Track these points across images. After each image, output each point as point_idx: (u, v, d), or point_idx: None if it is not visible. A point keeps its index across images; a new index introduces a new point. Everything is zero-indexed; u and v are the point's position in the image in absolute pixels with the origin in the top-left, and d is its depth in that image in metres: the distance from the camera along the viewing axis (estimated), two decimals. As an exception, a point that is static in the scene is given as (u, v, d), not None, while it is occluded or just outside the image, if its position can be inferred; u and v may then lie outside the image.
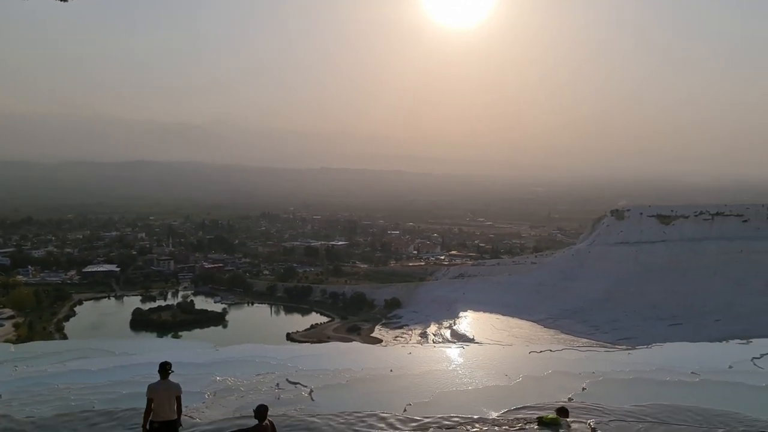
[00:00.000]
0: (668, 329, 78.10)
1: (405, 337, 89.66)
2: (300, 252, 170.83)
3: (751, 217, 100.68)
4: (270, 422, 9.19)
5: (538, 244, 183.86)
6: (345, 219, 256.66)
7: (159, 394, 9.38)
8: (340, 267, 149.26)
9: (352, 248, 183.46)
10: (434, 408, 13.57)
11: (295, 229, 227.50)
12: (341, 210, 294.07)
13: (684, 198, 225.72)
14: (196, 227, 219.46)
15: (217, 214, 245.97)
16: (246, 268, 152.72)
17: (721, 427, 10.15)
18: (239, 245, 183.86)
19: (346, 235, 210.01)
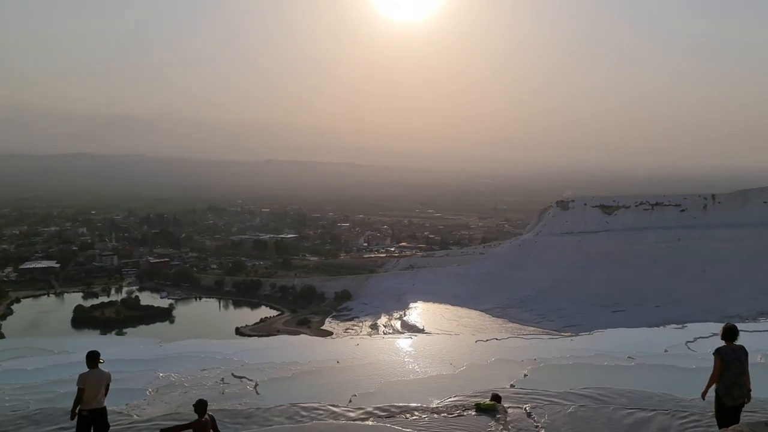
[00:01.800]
0: (611, 316, 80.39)
1: (355, 329, 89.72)
2: (248, 245, 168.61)
3: (688, 207, 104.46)
4: (210, 416, 9.08)
5: (486, 235, 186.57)
6: (294, 212, 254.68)
7: (90, 382, 9.32)
8: (289, 260, 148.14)
9: (301, 241, 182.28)
10: (379, 398, 13.63)
11: (243, 222, 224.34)
12: (290, 203, 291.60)
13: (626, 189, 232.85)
14: (140, 221, 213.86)
15: (162, 208, 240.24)
16: (193, 262, 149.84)
17: (650, 408, 10.51)
18: (186, 239, 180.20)
19: (296, 227, 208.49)
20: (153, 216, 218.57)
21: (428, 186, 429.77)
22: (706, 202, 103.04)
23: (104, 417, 9.53)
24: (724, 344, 8.54)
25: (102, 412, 9.47)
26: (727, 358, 8.41)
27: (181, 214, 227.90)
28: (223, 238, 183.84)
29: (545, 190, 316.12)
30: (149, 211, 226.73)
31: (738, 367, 8.34)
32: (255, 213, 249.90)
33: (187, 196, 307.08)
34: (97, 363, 9.54)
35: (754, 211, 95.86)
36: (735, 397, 8.33)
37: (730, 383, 8.33)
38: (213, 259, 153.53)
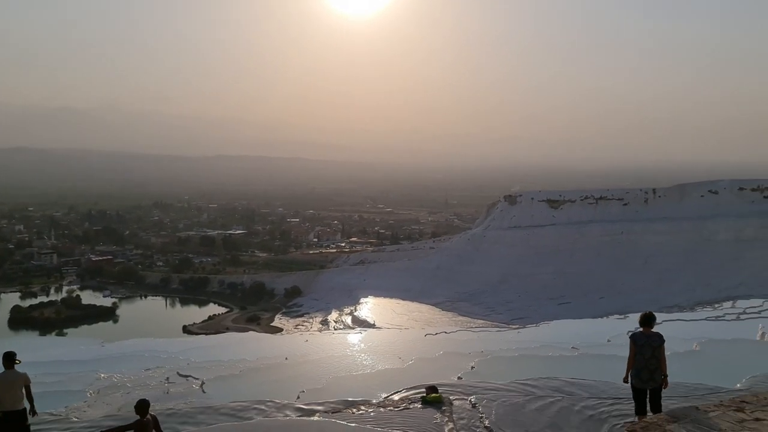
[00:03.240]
0: (557, 308, 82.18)
1: (306, 325, 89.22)
2: (196, 242, 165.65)
3: (630, 201, 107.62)
4: (153, 417, 8.83)
5: (436, 229, 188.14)
6: (243, 207, 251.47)
7: (1, 384, 9.07)
8: (238, 256, 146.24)
9: (250, 237, 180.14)
10: (327, 393, 13.55)
11: (190, 218, 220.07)
12: (239, 198, 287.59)
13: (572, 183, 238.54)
14: (81, 218, 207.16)
15: (105, 205, 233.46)
16: (138, 260, 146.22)
17: (591, 396, 10.78)
18: (130, 236, 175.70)
19: (245, 223, 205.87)
20: (95, 213, 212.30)
21: (379, 181, 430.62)
22: (647, 196, 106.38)
23: (23, 419, 9.26)
24: (641, 330, 8.88)
25: (19, 414, 9.20)
26: (638, 342, 8.82)
27: (125, 211, 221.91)
28: (169, 234, 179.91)
29: (494, 184, 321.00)
30: (91, 208, 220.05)
31: (648, 352, 8.72)
32: (202, 209, 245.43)
33: (132, 192, 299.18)
34: (13, 364, 9.24)
35: (691, 204, 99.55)
36: (643, 380, 8.73)
37: (639, 367, 8.74)
38: (159, 257, 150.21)
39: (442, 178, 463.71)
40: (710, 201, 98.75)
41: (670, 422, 7.66)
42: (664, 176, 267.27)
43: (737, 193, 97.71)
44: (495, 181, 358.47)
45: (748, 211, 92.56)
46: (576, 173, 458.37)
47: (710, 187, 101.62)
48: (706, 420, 7.61)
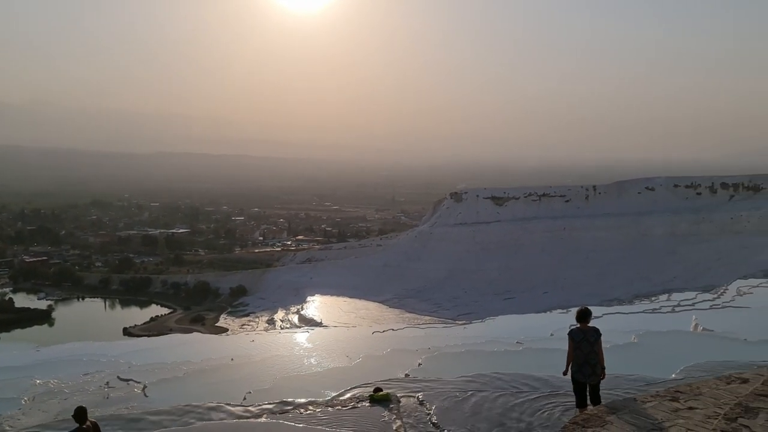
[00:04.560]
0: (503, 303, 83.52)
1: (252, 325, 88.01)
2: (137, 241, 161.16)
3: (572, 197, 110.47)
4: (92, 423, 8.57)
5: (384, 226, 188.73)
6: (186, 205, 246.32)
7: None
8: (181, 256, 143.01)
9: (194, 236, 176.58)
10: (274, 394, 13.39)
11: (130, 217, 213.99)
12: (182, 196, 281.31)
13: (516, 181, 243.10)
14: (14, 218, 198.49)
15: (40, 203, 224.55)
16: (75, 260, 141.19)
17: (535, 389, 11.01)
18: (67, 236, 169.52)
19: (188, 222, 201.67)
20: (29, 212, 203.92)
21: (326, 178, 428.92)
22: (588, 193, 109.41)
23: None
24: (578, 326, 9.12)
25: None
26: (576, 338, 9.16)
27: (61, 210, 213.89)
28: (108, 234, 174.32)
29: (441, 182, 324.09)
30: (24, 207, 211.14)
31: (586, 347, 9.06)
32: (144, 207, 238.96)
33: (69, 190, 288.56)
34: None
35: (629, 201, 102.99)
36: (585, 375, 9.06)
37: (580, 362, 9.07)
38: (98, 257, 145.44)
39: (388, 176, 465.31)
40: (647, 197, 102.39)
41: (609, 414, 7.89)
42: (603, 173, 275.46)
43: (672, 190, 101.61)
44: (441, 179, 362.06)
45: (683, 207, 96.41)
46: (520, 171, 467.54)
47: (647, 184, 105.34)
48: (643, 411, 7.87)
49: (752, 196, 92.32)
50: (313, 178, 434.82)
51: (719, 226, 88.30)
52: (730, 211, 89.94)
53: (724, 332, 19.41)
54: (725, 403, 7.54)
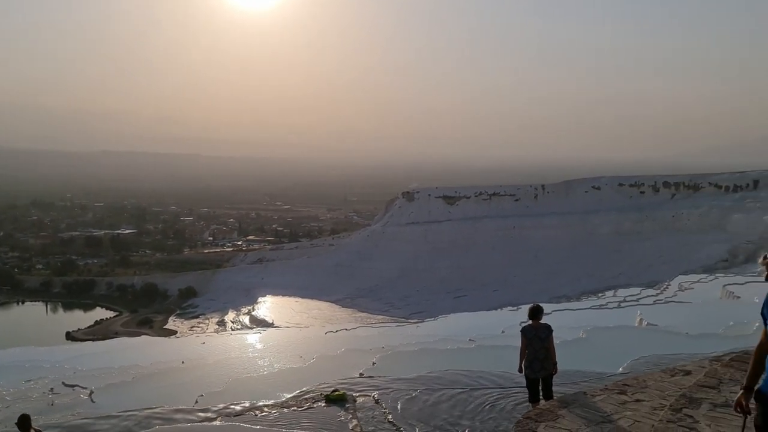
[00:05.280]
0: (454, 301, 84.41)
1: (202, 327, 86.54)
2: (80, 243, 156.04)
3: (521, 196, 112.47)
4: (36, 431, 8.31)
5: (336, 226, 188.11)
6: (132, 205, 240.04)
7: None
8: (127, 257, 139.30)
9: (141, 236, 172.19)
10: (227, 396, 13.20)
11: (73, 217, 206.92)
12: (128, 196, 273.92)
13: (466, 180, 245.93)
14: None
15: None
16: (14, 263, 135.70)
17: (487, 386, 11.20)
18: (5, 238, 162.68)
19: (134, 222, 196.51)
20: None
21: (276, 177, 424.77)
22: (537, 192, 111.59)
23: None
24: (530, 323, 9.36)
25: None
26: (528, 335, 9.38)
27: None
28: (50, 235, 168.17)
29: (393, 181, 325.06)
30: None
31: (538, 344, 9.30)
32: (87, 207, 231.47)
33: (7, 190, 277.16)
34: None
35: (576, 199, 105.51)
36: (535, 370, 9.30)
37: (531, 358, 9.30)
38: (38, 259, 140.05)
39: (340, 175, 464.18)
40: (593, 196, 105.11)
41: (560, 408, 8.07)
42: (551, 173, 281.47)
43: (617, 189, 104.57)
44: (393, 178, 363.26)
45: (627, 206, 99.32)
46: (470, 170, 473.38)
47: (593, 183, 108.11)
48: (593, 404, 8.08)
49: (692, 195, 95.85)
50: (264, 177, 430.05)
51: (661, 224, 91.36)
52: (671, 209, 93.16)
53: (668, 326, 20.13)
54: (670, 395, 7.82)
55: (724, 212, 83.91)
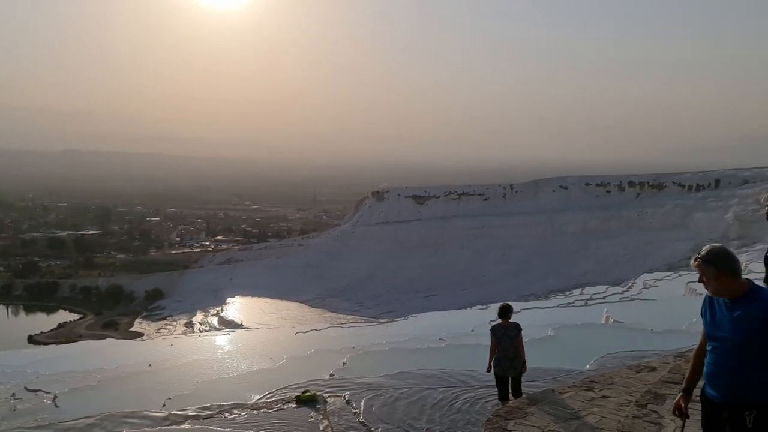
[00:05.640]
0: (424, 301, 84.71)
1: (169, 329, 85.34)
2: (42, 244, 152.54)
3: (490, 196, 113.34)
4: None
5: (305, 226, 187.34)
6: (97, 206, 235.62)
7: None
8: (92, 258, 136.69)
9: (106, 237, 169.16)
10: (195, 399, 13.04)
11: (35, 218, 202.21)
12: (92, 196, 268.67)
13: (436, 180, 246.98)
14: None
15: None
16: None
17: (457, 385, 11.27)
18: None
19: (99, 223, 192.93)
20: None
21: (245, 177, 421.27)
22: (505, 192, 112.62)
23: None
24: (499, 322, 9.55)
25: None
26: (497, 334, 9.55)
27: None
28: (10, 236, 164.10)
29: (362, 181, 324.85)
30: None
31: (507, 342, 9.47)
32: (50, 208, 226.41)
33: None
34: None
35: (544, 199, 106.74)
36: (504, 368, 9.45)
37: (500, 356, 9.46)
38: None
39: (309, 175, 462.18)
40: (561, 196, 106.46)
41: (530, 405, 8.17)
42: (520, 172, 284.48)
43: (584, 188, 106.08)
44: (363, 178, 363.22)
45: (594, 205, 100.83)
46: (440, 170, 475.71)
47: (561, 182, 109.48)
48: (561, 401, 8.20)
49: (656, 194, 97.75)
50: (232, 177, 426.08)
51: (627, 222, 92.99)
52: (636, 208, 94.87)
53: (633, 323, 20.51)
54: (636, 391, 7.98)
55: (687, 211, 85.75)
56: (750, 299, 4.15)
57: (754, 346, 4.09)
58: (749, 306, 4.12)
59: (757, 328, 4.07)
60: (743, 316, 4.13)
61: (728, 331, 4.22)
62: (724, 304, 4.28)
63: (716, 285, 4.24)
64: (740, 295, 4.19)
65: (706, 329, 4.45)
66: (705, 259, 4.23)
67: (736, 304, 4.20)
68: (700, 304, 4.52)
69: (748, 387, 4.15)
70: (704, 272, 4.23)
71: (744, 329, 4.12)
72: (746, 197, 79.13)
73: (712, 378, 4.37)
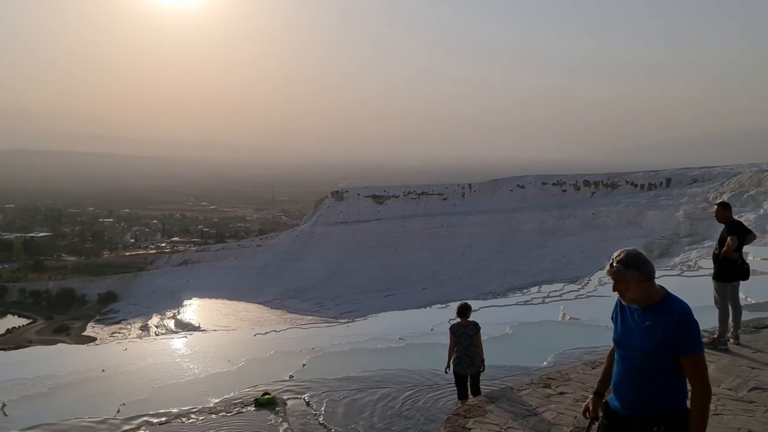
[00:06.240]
0: (384, 300, 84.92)
1: (123, 333, 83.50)
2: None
3: (449, 195, 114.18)
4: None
5: (264, 226, 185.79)
6: (47, 207, 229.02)
7: None
8: (42, 261, 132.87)
9: (56, 240, 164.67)
10: (151, 404, 12.74)
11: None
12: (41, 197, 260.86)
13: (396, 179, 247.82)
14: None
15: None
16: None
17: (418, 385, 11.32)
18: None
19: (49, 225, 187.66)
20: None
21: (202, 177, 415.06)
22: (464, 191, 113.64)
23: None
24: (458, 320, 9.67)
25: None
26: (456, 333, 9.63)
27: None
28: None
29: (321, 181, 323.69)
30: None
31: (466, 341, 9.56)
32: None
33: None
34: None
35: (502, 198, 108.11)
36: (464, 367, 9.55)
37: (460, 355, 9.55)
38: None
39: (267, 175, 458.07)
40: (518, 195, 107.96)
41: (488, 403, 8.26)
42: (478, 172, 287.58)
43: (541, 187, 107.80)
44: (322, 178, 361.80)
45: (550, 204, 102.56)
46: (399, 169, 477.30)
47: (518, 182, 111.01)
48: (519, 398, 8.32)
49: (610, 192, 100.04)
50: (188, 177, 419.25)
51: (582, 220, 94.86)
52: (591, 206, 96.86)
53: (589, 320, 20.92)
54: (591, 387, 8.10)
55: (639, 209, 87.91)
56: (662, 309, 3.96)
57: (662, 358, 3.91)
58: (661, 316, 3.93)
59: (667, 340, 3.88)
60: (654, 326, 3.94)
61: (637, 340, 4.03)
62: (636, 312, 4.09)
63: (636, 291, 4.00)
64: (654, 303, 3.99)
65: (615, 336, 4.28)
66: (625, 262, 4.00)
67: (647, 313, 4.01)
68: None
69: (655, 401, 3.95)
70: (624, 277, 3.99)
71: (653, 340, 3.93)
72: (696, 196, 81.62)
73: (617, 389, 4.19)
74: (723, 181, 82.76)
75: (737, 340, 9.94)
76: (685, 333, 3.86)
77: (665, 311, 3.94)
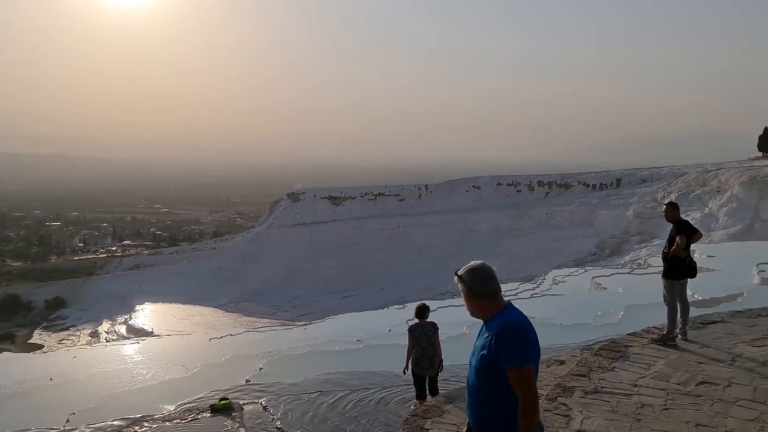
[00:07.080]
0: (341, 301, 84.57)
1: (72, 339, 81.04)
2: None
3: (406, 196, 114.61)
4: None
5: (218, 229, 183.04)
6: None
7: None
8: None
9: (0, 244, 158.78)
10: (103, 413, 12.39)
11: None
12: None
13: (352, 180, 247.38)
14: None
15: None
16: None
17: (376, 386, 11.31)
18: None
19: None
20: None
21: (154, 179, 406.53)
22: (421, 192, 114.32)
23: None
24: (416, 321, 9.71)
25: None
26: (415, 334, 9.68)
27: None
28: None
29: (277, 182, 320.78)
30: None
31: (424, 341, 9.60)
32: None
33: None
34: None
35: (459, 198, 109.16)
36: (423, 368, 9.58)
37: (419, 356, 9.58)
38: None
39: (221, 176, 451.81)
40: (474, 195, 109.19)
41: (446, 403, 8.29)
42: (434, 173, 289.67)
43: (496, 187, 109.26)
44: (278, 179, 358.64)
45: (505, 204, 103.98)
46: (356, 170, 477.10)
47: (474, 182, 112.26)
48: (477, 397, 8.34)
49: (563, 192, 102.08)
50: (140, 179, 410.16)
51: (536, 220, 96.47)
52: (545, 206, 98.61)
53: (543, 318, 21.22)
54: (546, 385, 8.24)
55: (591, 209, 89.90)
56: (493, 323, 3.82)
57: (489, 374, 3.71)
58: (490, 330, 3.80)
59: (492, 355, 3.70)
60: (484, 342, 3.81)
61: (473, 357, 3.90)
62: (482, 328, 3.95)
63: (468, 304, 3.97)
64: (490, 318, 3.86)
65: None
66: (459, 275, 3.99)
67: (484, 329, 3.91)
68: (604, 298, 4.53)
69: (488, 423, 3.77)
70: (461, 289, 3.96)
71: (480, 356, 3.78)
72: (645, 195, 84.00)
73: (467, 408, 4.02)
74: (671, 180, 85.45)
75: (685, 336, 10.24)
76: (504, 346, 3.66)
77: (494, 325, 3.79)
